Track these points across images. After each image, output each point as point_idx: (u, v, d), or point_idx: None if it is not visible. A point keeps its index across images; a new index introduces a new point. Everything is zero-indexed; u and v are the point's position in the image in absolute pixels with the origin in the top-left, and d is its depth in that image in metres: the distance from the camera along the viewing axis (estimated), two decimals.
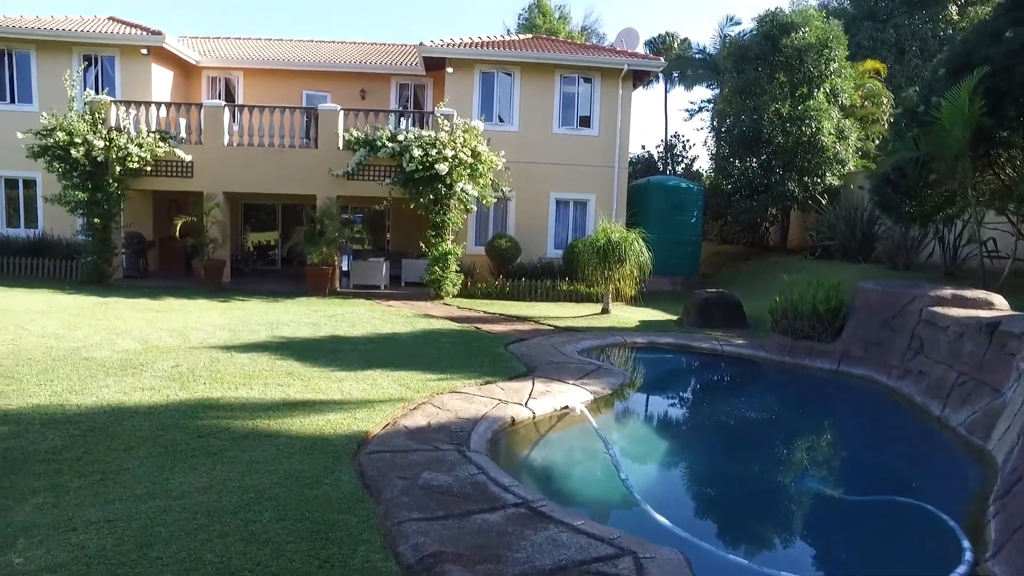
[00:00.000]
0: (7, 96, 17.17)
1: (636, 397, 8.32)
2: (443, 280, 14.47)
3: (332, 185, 14.94)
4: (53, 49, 17.00)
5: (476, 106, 17.45)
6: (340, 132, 15.09)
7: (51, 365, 6.96)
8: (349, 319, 11.11)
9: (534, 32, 31.74)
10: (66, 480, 4.17)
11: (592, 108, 18.04)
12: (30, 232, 16.92)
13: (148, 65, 17.15)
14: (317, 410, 5.81)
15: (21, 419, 5.29)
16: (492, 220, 17.68)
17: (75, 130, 13.69)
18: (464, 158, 14.21)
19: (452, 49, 17.22)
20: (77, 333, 8.72)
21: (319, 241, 14.56)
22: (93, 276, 14.44)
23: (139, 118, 14.91)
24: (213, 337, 8.91)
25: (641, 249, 12.82)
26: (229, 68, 19.39)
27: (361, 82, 19.56)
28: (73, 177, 13.92)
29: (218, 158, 15.02)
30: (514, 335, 10.41)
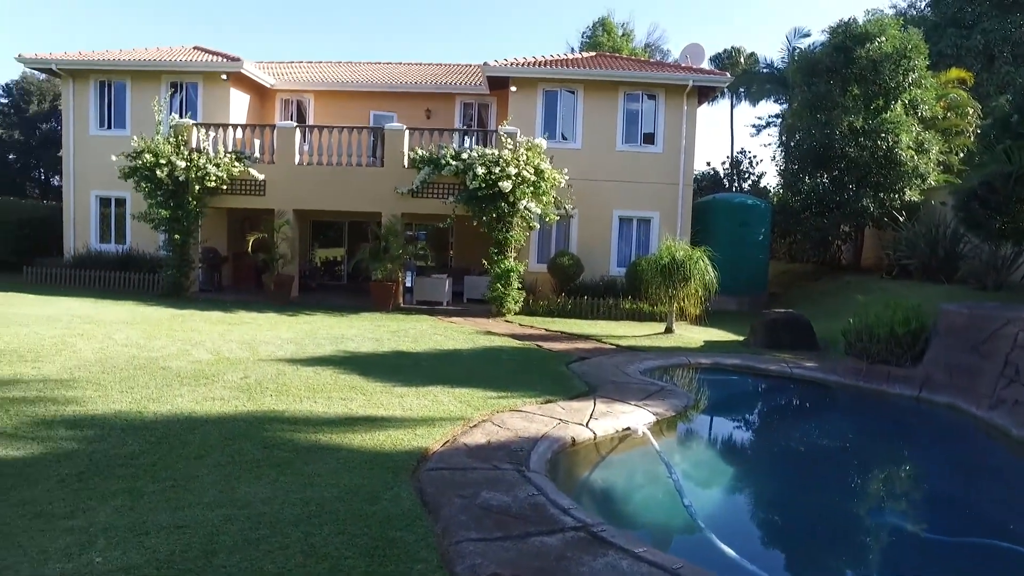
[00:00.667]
0: (106, 122, 18.48)
1: (700, 420, 8.07)
2: (505, 297, 14.51)
3: (397, 203, 15.27)
4: (145, 78, 18.19)
5: (539, 124, 17.55)
6: (405, 151, 15.43)
7: (132, 373, 7.32)
8: (412, 335, 11.27)
9: (598, 50, 31.79)
10: (142, 485, 4.34)
11: (656, 125, 17.86)
12: (119, 247, 18.05)
13: (227, 90, 18.08)
14: (378, 425, 5.88)
15: (105, 424, 5.57)
16: (554, 237, 17.65)
17: (160, 152, 14.52)
18: (527, 176, 14.28)
19: (515, 68, 17.41)
20: (156, 343, 9.15)
21: (383, 258, 14.87)
22: (172, 289, 15.19)
23: (217, 139, 15.69)
24: (280, 350, 9.18)
25: (706, 267, 12.52)
26: (301, 91, 20.20)
27: (426, 102, 20.02)
28: (157, 196, 14.75)
29: (289, 177, 15.60)
30: (576, 354, 10.31)
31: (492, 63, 17.43)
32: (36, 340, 8.88)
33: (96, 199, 18.57)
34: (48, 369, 7.38)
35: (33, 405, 6.02)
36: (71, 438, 5.24)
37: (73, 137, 18.62)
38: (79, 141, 18.59)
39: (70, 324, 10.32)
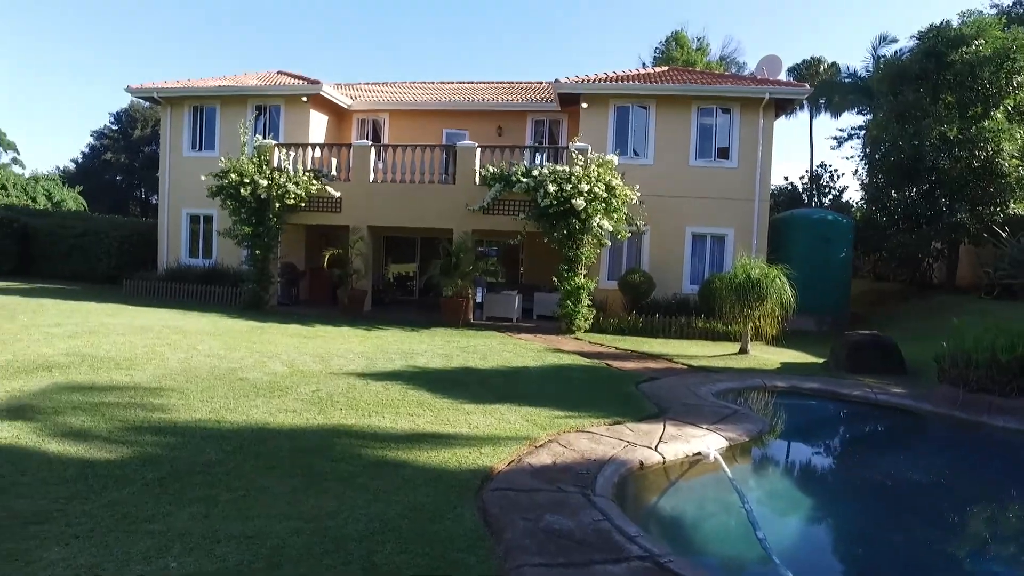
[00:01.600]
0: (197, 144, 19.70)
1: (776, 446, 7.69)
2: (575, 314, 14.40)
3: (468, 219, 15.46)
4: (233, 103, 19.28)
5: (611, 140, 17.44)
6: (477, 168, 15.64)
7: (213, 383, 7.66)
8: (480, 351, 11.32)
9: (671, 64, 31.41)
10: (216, 493, 4.49)
11: (731, 139, 17.42)
12: (206, 262, 19.08)
13: (307, 111, 18.90)
14: (444, 443, 5.89)
15: (186, 432, 5.83)
16: (626, 254, 17.42)
17: (245, 171, 15.28)
18: (599, 192, 14.18)
19: (587, 85, 17.39)
20: (235, 354, 9.55)
21: (454, 274, 15.07)
22: (253, 302, 15.87)
23: (297, 159, 16.38)
24: (352, 364, 9.40)
25: (784, 286, 12.03)
26: (376, 111, 20.87)
27: (498, 119, 20.26)
28: (241, 213, 15.51)
29: (364, 194, 16.08)
30: (646, 373, 10.09)
31: (563, 80, 17.49)
32: (130, 349, 9.44)
33: (187, 216, 19.73)
34: (139, 377, 7.82)
35: (125, 410, 6.38)
36: (156, 444, 5.51)
37: (169, 159, 19.94)
38: (174, 162, 19.87)
39: (160, 334, 10.93)
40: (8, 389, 6.93)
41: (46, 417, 6.03)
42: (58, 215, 25.32)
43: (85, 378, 7.64)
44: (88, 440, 5.47)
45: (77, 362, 8.39)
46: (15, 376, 7.50)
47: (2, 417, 5.95)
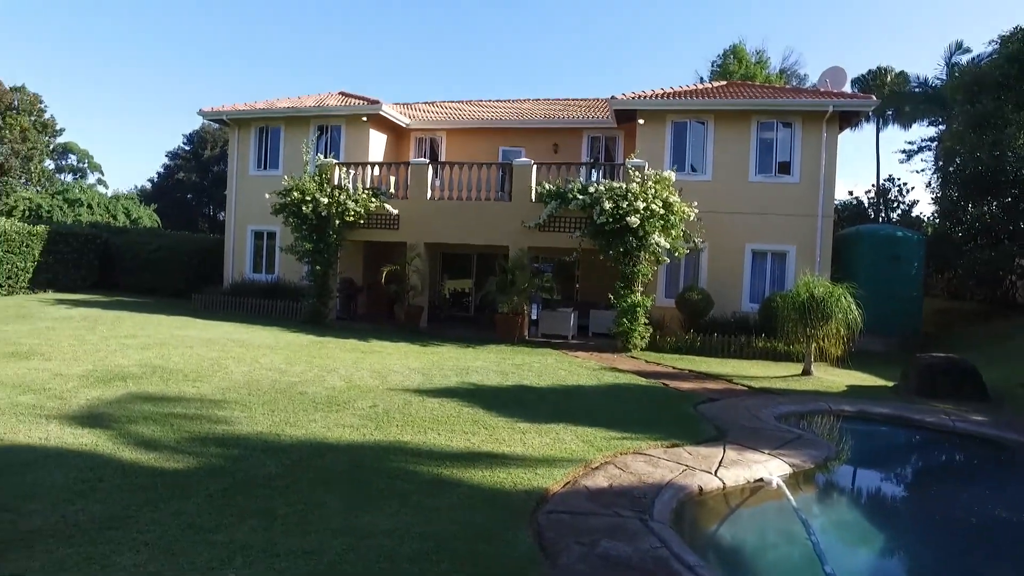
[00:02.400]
0: (263, 163, 20.48)
1: (843, 474, 7.33)
2: (631, 332, 14.20)
3: (524, 236, 15.50)
4: (296, 123, 19.99)
5: (668, 156, 17.23)
6: (533, 185, 15.68)
7: (274, 396, 7.87)
8: (536, 369, 11.28)
9: (729, 78, 30.92)
10: (275, 506, 4.58)
11: (792, 154, 16.95)
12: (269, 277, 19.73)
13: (367, 130, 19.39)
14: (499, 462, 5.87)
15: (248, 444, 5.99)
16: (683, 272, 17.10)
17: (306, 189, 15.75)
18: (655, 209, 14.00)
19: (643, 101, 17.26)
20: (296, 368, 9.79)
21: (510, 290, 15.10)
22: (313, 317, 16.27)
23: (357, 177, 16.79)
24: (408, 380, 9.50)
25: (849, 305, 11.56)
26: (434, 129, 21.23)
27: (554, 136, 20.31)
28: (303, 230, 15.98)
29: (421, 211, 16.32)
30: (704, 394, 9.84)
31: (619, 96, 17.42)
32: (197, 361, 9.81)
33: (251, 233, 20.46)
34: (205, 389, 8.11)
35: (191, 422, 6.61)
36: (219, 455, 5.68)
37: (236, 178, 20.78)
38: (240, 181, 20.69)
39: (225, 347, 11.32)
40: (89, 397, 7.30)
41: (120, 426, 6.31)
42: (135, 232, 26.67)
43: (156, 389, 7.97)
44: (158, 450, 5.68)
45: (149, 373, 8.77)
46: (95, 385, 7.90)
47: (84, 424, 6.28)
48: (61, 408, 6.82)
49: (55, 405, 6.92)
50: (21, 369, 8.58)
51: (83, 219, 34.27)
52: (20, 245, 19.57)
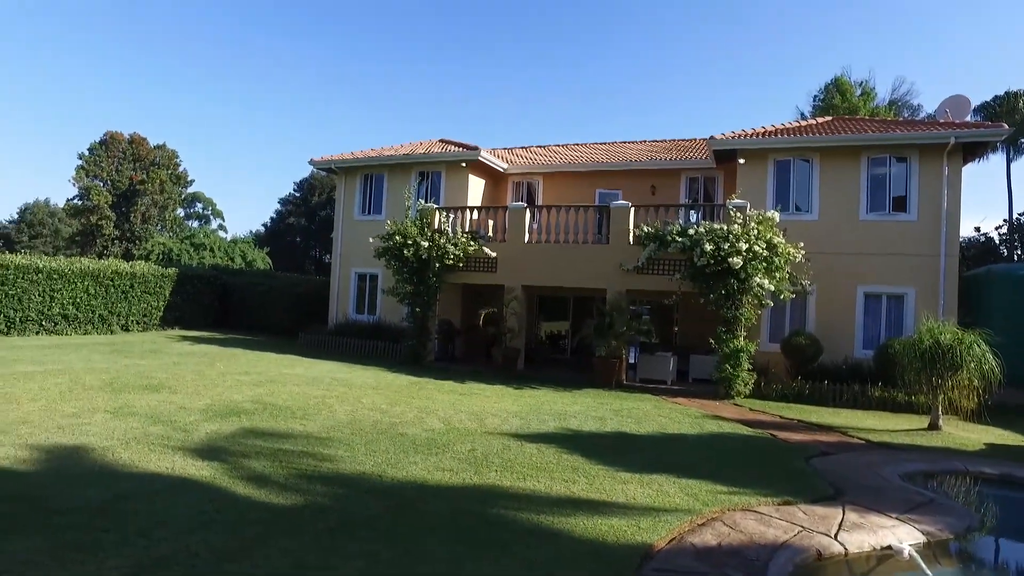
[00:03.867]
0: (367, 209, 21.51)
1: (988, 547, 6.51)
2: (734, 379, 13.59)
3: (622, 279, 15.30)
4: (399, 170, 20.90)
5: (770, 196, 16.65)
6: (630, 228, 15.51)
7: (375, 437, 8.04)
8: (635, 415, 10.97)
9: (832, 113, 29.77)
10: (379, 549, 4.61)
11: (909, 190, 15.91)
12: (370, 317, 20.47)
13: (466, 176, 19.98)
14: (600, 512, 5.68)
15: (351, 484, 6.12)
16: (789, 315, 16.27)
17: (408, 234, 16.33)
18: (759, 251, 13.49)
19: (743, 140, 16.85)
20: (396, 409, 10.00)
21: (607, 334, 14.86)
22: (412, 357, 16.65)
23: (456, 221, 17.24)
24: (506, 424, 9.47)
25: (984, 353, 10.53)
26: (531, 173, 21.57)
27: (651, 178, 20.13)
28: (404, 273, 16.52)
29: (519, 254, 16.49)
30: (816, 447, 9.20)
31: (718, 137, 17.10)
32: (304, 399, 10.23)
33: (355, 275, 21.38)
34: (311, 427, 8.41)
35: (299, 458, 6.85)
36: (325, 494, 5.83)
37: (342, 223, 21.88)
38: (346, 226, 21.76)
39: (329, 386, 11.76)
40: (208, 431, 7.75)
41: (235, 460, 6.63)
42: (249, 274, 28.55)
43: (267, 425, 8.35)
44: (268, 485, 5.91)
45: (260, 409, 9.22)
46: (213, 419, 8.38)
47: (203, 456, 6.66)
48: (185, 440, 7.27)
49: (180, 437, 7.38)
50: (153, 401, 9.27)
51: (206, 262, 37.18)
52: (154, 286, 21.40)
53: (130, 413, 8.42)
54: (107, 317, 19.98)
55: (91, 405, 8.80)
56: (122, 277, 20.26)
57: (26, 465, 6.08)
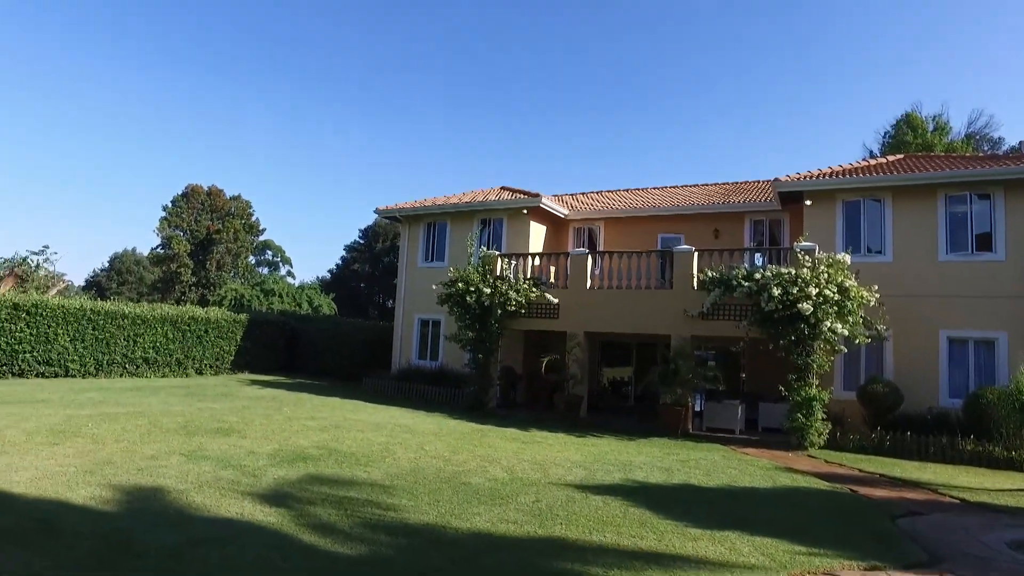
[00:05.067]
0: (430, 256, 21.94)
1: None
2: (807, 429, 12.96)
3: (686, 325, 14.97)
4: (461, 218, 21.30)
5: (840, 238, 16.10)
6: (694, 272, 15.25)
7: (438, 486, 7.98)
8: (703, 466, 10.57)
9: (904, 150, 28.86)
10: None
11: (994, 228, 15.05)
12: (433, 363, 20.64)
13: (527, 222, 20.16)
14: (669, 569, 5.43)
15: (415, 534, 6.07)
16: (864, 361, 15.50)
17: (470, 280, 16.52)
18: (829, 295, 12.99)
19: (810, 181, 16.44)
20: (459, 457, 9.94)
21: (673, 381, 14.50)
22: (474, 404, 16.63)
23: (518, 267, 17.35)
24: (570, 474, 9.27)
25: None
26: (591, 219, 21.58)
27: (714, 222, 19.82)
28: (466, 319, 16.65)
29: (581, 301, 16.40)
30: (904, 505, 8.59)
31: (783, 179, 16.76)
32: (368, 446, 10.31)
33: (418, 321, 21.69)
34: (375, 474, 8.44)
35: (363, 507, 6.86)
36: (389, 544, 5.79)
37: (405, 270, 22.35)
38: (409, 273, 22.22)
39: (392, 433, 11.82)
40: (275, 477, 7.88)
41: (301, 507, 6.69)
42: (316, 319, 29.37)
43: (331, 471, 8.43)
44: (333, 534, 5.92)
45: (325, 455, 9.33)
46: (280, 465, 8.52)
47: (271, 502, 6.76)
48: (253, 485, 7.40)
49: (249, 482, 7.52)
50: (224, 444, 9.52)
51: (275, 307, 38.52)
52: (227, 331, 22.27)
53: (203, 457, 8.67)
54: (183, 361, 20.85)
55: (168, 447, 9.11)
56: (198, 323, 21.18)
57: (109, 506, 6.32)
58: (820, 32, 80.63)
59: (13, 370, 17.04)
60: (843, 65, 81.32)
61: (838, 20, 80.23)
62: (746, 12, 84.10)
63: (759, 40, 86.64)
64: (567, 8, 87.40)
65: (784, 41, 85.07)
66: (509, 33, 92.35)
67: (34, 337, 17.34)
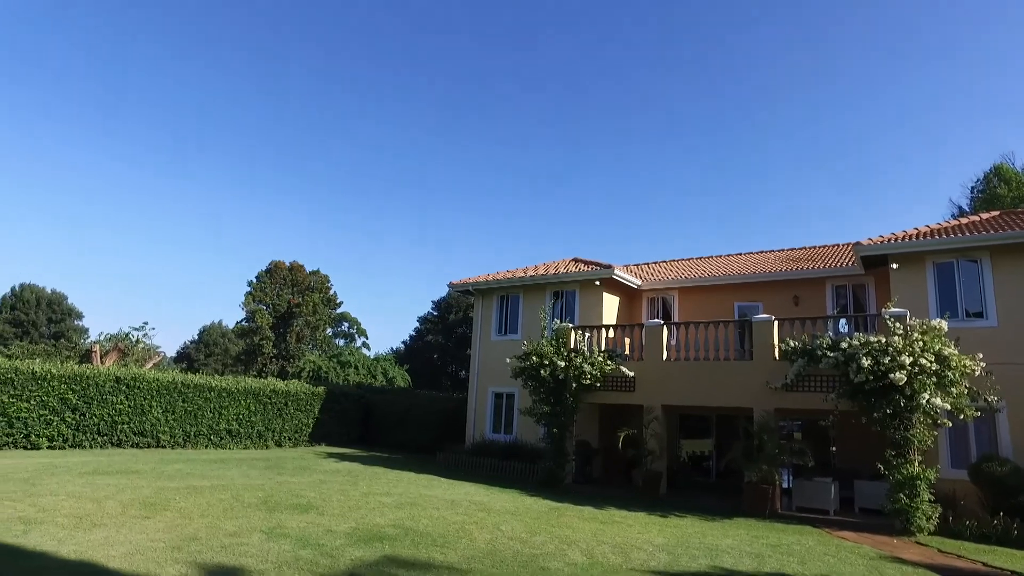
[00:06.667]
0: (503, 328, 22.06)
1: None
2: (912, 511, 11.89)
3: (769, 397, 14.29)
4: (534, 291, 21.44)
5: (932, 302, 15.18)
6: (775, 342, 14.66)
7: (516, 570, 7.69)
8: (797, 552, 9.81)
9: (997, 204, 27.39)
10: None
11: None
12: (507, 437, 20.41)
13: (600, 294, 20.06)
14: None
15: None
16: (973, 436, 14.21)
17: (544, 353, 16.41)
18: (926, 364, 12.15)
19: (895, 244, 15.68)
20: (536, 539, 9.61)
21: (757, 457, 13.75)
22: (549, 479, 16.20)
23: (591, 339, 17.16)
24: (653, 559, 8.78)
25: None
26: (665, 289, 21.28)
27: (793, 288, 19.16)
28: (540, 392, 16.47)
29: (657, 373, 15.98)
30: None
31: (865, 242, 16.11)
32: (444, 525, 10.13)
33: (492, 394, 21.62)
34: (452, 556, 8.23)
35: None
36: None
37: (479, 342, 22.50)
38: (483, 345, 22.33)
39: (468, 511, 11.61)
40: (352, 558, 7.81)
41: None
42: (390, 392, 29.80)
43: (408, 553, 8.29)
44: None
45: (402, 535, 9.21)
46: (357, 544, 8.46)
47: None
48: (331, 567, 7.34)
49: (327, 563, 7.48)
50: (302, 522, 9.57)
51: (351, 379, 39.39)
52: (306, 404, 22.85)
53: (282, 535, 8.72)
54: (264, 433, 21.43)
55: (249, 524, 9.23)
56: (278, 395, 21.85)
57: None
58: (899, 88, 79.17)
59: (112, 440, 17.96)
60: (928, 118, 79.07)
61: (913, 76, 78.69)
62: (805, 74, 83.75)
63: (832, 97, 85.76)
64: (633, 69, 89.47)
65: (858, 99, 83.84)
66: (579, 109, 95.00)
67: (131, 409, 18.30)
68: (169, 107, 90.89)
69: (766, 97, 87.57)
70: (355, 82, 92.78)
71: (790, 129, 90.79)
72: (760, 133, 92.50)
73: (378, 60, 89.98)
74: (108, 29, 78.13)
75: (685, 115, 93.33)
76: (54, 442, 16.94)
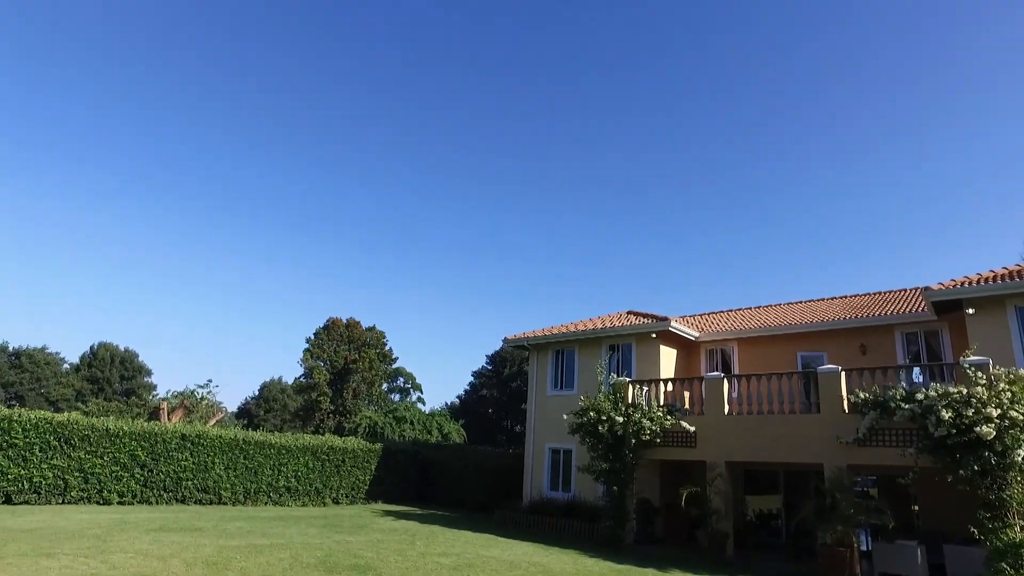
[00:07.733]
0: (559, 383, 21.84)
1: None
2: None
3: (840, 452, 13.56)
4: (589, 345, 21.25)
5: (1018, 349, 14.31)
6: (844, 394, 14.00)
7: None
8: None
9: None
10: None
11: None
12: (565, 494, 19.94)
13: (657, 346, 19.71)
14: None
15: None
16: None
17: (602, 409, 16.10)
18: (1016, 416, 11.35)
19: (970, 288, 14.96)
20: None
21: (831, 517, 12.96)
22: (609, 539, 15.65)
23: (650, 394, 16.76)
24: None
25: None
26: (724, 340, 20.75)
27: (859, 337, 18.41)
28: (599, 449, 16.10)
29: (719, 427, 15.43)
30: None
31: (935, 287, 15.42)
32: None
33: (549, 450, 21.27)
34: None
35: None
36: None
37: (535, 398, 22.30)
38: (538, 401, 22.12)
39: (527, 573, 11.27)
40: None
41: None
42: (446, 448, 29.66)
43: None
44: None
45: None
46: None
47: None
48: None
49: None
50: None
51: (407, 434, 39.43)
52: (363, 461, 22.94)
53: None
54: (321, 490, 21.53)
55: None
56: (336, 452, 22.01)
57: None
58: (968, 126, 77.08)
59: (177, 496, 18.34)
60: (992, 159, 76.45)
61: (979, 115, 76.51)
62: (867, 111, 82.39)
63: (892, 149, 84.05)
64: (686, 119, 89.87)
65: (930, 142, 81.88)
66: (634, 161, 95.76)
67: (195, 465, 18.72)
68: (231, 175, 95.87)
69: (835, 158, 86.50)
70: (419, 139, 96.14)
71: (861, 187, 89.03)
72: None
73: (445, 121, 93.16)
74: (196, 114, 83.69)
75: (742, 182, 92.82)
76: (124, 497, 17.41)
